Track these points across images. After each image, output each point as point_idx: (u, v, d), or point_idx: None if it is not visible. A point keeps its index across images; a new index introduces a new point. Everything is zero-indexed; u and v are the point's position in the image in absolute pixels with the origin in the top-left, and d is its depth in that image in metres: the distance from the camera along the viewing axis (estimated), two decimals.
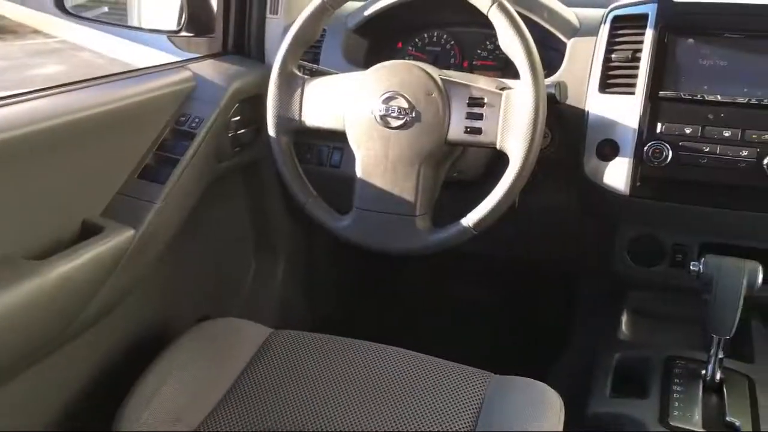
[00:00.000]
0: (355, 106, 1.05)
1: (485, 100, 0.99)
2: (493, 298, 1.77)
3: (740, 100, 1.06)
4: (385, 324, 1.66)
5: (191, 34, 1.37)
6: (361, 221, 1.06)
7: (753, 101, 1.05)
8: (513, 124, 0.97)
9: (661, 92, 1.09)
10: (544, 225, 1.33)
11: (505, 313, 1.76)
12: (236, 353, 1.05)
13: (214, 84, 1.21)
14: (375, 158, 1.04)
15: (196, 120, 1.16)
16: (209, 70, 1.25)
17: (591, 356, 1.22)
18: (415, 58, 1.33)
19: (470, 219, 1.01)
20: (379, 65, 1.05)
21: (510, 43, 0.97)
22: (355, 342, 1.06)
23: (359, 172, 1.06)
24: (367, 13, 1.31)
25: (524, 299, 1.74)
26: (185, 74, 1.19)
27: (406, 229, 1.04)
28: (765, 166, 1.03)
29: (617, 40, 1.14)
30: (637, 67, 1.11)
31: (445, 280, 1.81)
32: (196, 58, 1.31)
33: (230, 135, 1.24)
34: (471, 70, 1.35)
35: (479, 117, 1.00)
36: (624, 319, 1.29)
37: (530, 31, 0.98)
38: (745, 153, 1.04)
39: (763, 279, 1.01)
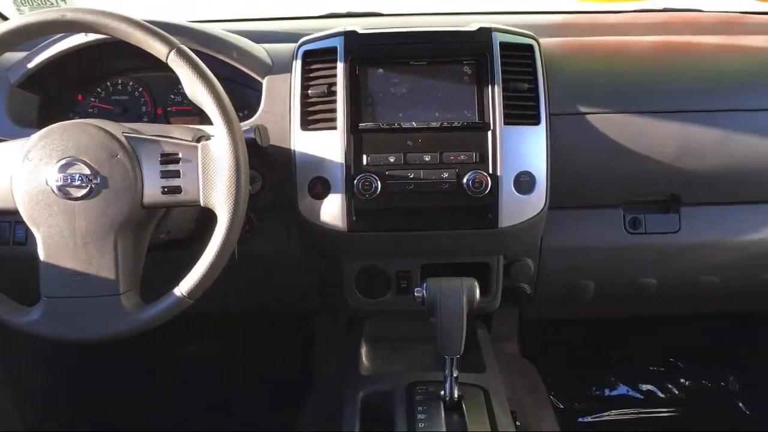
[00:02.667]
0: (24, 178, 0.91)
1: (180, 155, 0.92)
2: (227, 354, 1.70)
3: (434, 124, 1.12)
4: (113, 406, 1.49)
5: None
6: (53, 312, 0.92)
7: (445, 124, 1.12)
8: (214, 178, 0.91)
9: (360, 124, 1.11)
10: (270, 269, 1.29)
11: (242, 366, 1.69)
12: None
13: None
14: (60, 236, 0.91)
15: None
16: None
17: (337, 397, 1.21)
18: (101, 111, 1.21)
19: (183, 287, 0.92)
20: (47, 128, 0.92)
21: (196, 91, 0.91)
22: None
23: (43, 255, 0.92)
24: (30, 65, 1.16)
25: (263, 349, 1.70)
26: None
27: (111, 312, 0.92)
28: (465, 186, 1.10)
29: (311, 75, 1.14)
30: (334, 101, 1.12)
31: (174, 343, 1.69)
32: None
33: None
34: (166, 117, 1.27)
35: (176, 174, 0.92)
36: (363, 351, 1.30)
37: (223, 71, 0.93)
38: (446, 175, 1.11)
39: (481, 292, 1.09)
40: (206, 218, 1.08)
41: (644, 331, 1.77)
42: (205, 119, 1.12)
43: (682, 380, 1.79)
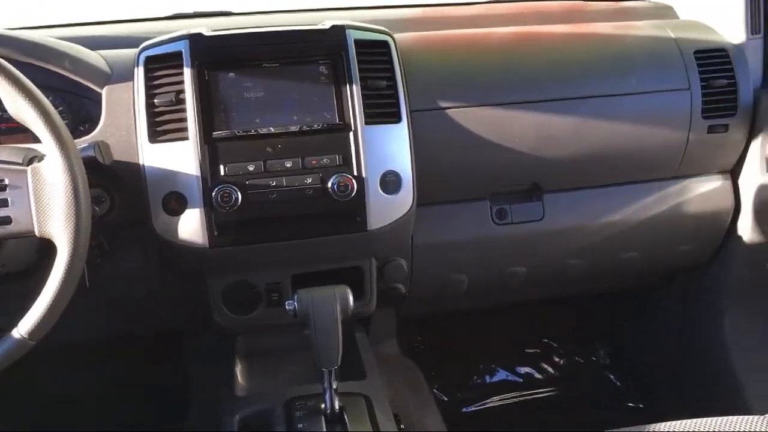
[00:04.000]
0: None
1: (6, 182, 0.83)
2: (91, 390, 1.58)
3: (293, 128, 1.08)
4: None
5: None
6: None
7: (305, 128, 1.08)
8: (49, 204, 0.82)
9: (215, 133, 1.05)
10: (130, 291, 1.20)
11: (113, 399, 1.58)
12: None
13: None
14: None
15: None
16: None
17: (214, 422, 1.16)
18: None
19: (23, 328, 0.83)
20: None
21: (19, 108, 0.82)
22: None
23: None
24: None
25: (133, 374, 1.60)
26: None
27: None
28: (330, 190, 1.07)
29: (156, 83, 1.07)
30: (184, 110, 1.05)
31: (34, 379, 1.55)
32: None
33: None
34: None
35: (4, 203, 0.83)
36: (238, 369, 1.25)
37: (54, 82, 0.84)
38: (309, 180, 1.07)
39: (356, 296, 1.07)
40: (49, 246, 0.99)
41: (519, 316, 1.82)
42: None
43: (557, 359, 1.86)
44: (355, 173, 1.08)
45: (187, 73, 1.05)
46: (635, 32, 1.34)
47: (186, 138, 1.04)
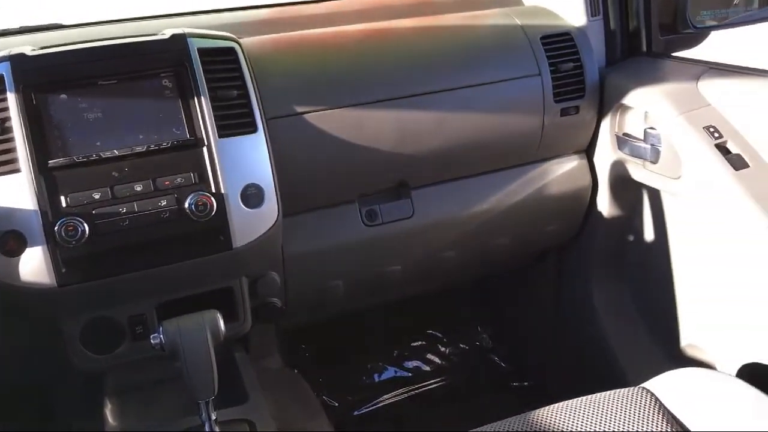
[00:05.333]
0: None
1: None
2: None
3: (139, 149, 1.01)
4: None
5: None
6: None
7: (153, 147, 1.02)
8: None
9: (51, 161, 0.97)
10: None
11: None
12: None
13: None
14: None
15: None
16: None
17: None
18: None
19: None
20: None
21: None
22: None
23: None
24: None
25: None
26: None
27: None
28: (188, 211, 1.01)
29: None
30: (12, 139, 0.96)
31: None
32: None
33: None
34: None
35: None
36: (108, 409, 1.17)
37: None
38: (164, 203, 1.01)
39: (228, 318, 1.02)
40: None
41: (402, 311, 1.83)
42: None
43: (443, 349, 1.89)
44: (213, 190, 1.03)
45: (12, 98, 0.96)
46: (483, 22, 1.36)
47: (18, 170, 0.95)
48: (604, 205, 1.43)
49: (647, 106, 1.25)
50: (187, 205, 1.01)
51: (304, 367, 1.58)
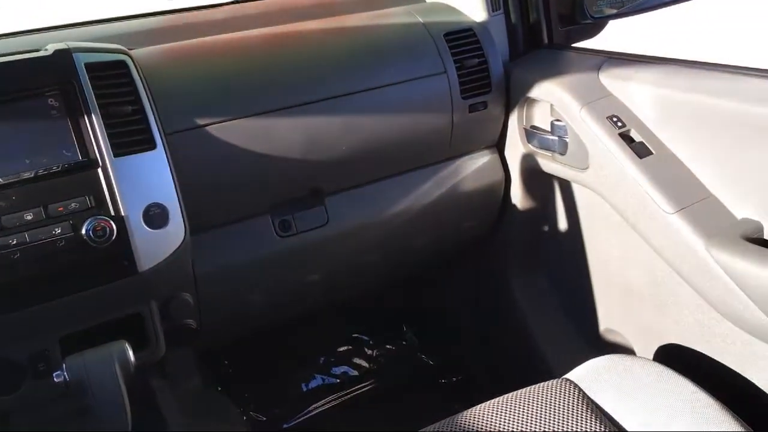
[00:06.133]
0: None
1: None
2: None
3: (27, 174, 0.94)
4: None
5: None
6: None
7: (42, 172, 0.95)
8: None
9: None
10: None
11: None
12: None
13: None
14: None
15: None
16: None
17: None
18: None
19: None
20: None
21: None
22: None
23: None
24: None
25: None
26: None
27: None
28: (86, 237, 0.95)
29: None
30: None
31: None
32: None
33: None
34: None
35: None
36: None
37: None
38: (58, 230, 0.95)
39: (140, 345, 0.97)
40: None
41: (326, 319, 1.81)
42: None
43: (369, 352, 1.87)
44: (113, 213, 0.97)
45: None
46: (386, 21, 1.35)
47: None
48: (518, 198, 1.44)
49: (552, 98, 1.26)
50: (84, 231, 0.95)
51: (228, 385, 1.53)
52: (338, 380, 1.82)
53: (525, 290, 1.53)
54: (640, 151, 1.13)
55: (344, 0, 1.46)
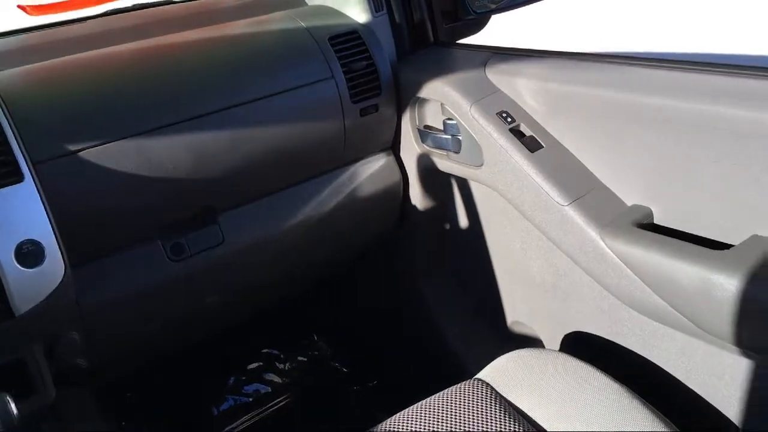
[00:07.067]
0: None
1: None
2: None
3: None
4: None
5: None
6: None
7: None
8: None
9: None
10: None
11: None
12: None
13: None
14: None
15: None
16: None
17: None
18: None
19: None
20: None
21: None
22: None
23: None
24: None
25: None
26: None
27: None
28: None
29: None
30: None
31: None
32: None
33: None
34: None
35: None
36: None
37: None
38: None
39: (26, 393, 0.90)
40: None
41: (233, 338, 1.75)
42: None
43: (281, 365, 1.83)
44: None
45: None
46: (268, 27, 1.31)
47: None
48: (417, 199, 1.44)
49: (442, 97, 1.26)
50: None
51: (131, 419, 1.45)
52: (251, 399, 1.76)
53: (433, 290, 1.53)
54: (531, 145, 1.14)
55: (222, 7, 1.41)
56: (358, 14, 1.36)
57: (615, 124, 1.06)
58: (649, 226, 1.03)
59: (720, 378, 0.99)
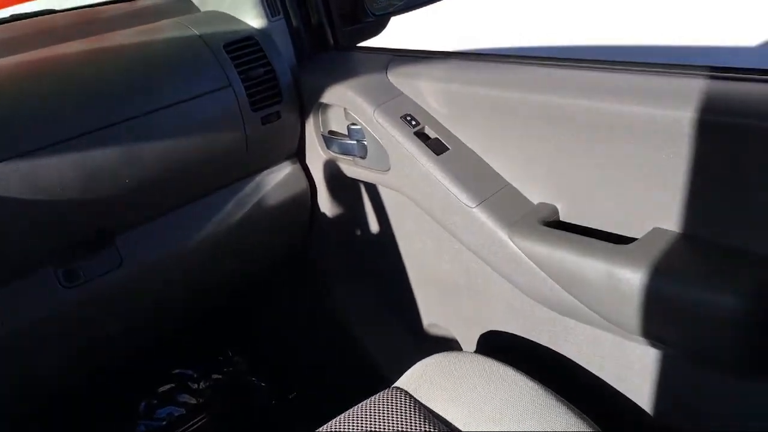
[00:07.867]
0: None
1: None
2: None
3: None
4: None
5: None
6: None
7: None
8: None
9: None
10: None
11: None
12: None
13: None
14: None
15: None
16: None
17: None
18: None
19: None
20: None
21: None
22: None
23: None
24: None
25: None
26: None
27: None
28: None
29: None
30: None
31: None
32: None
33: None
34: None
35: None
36: None
37: None
38: None
39: None
40: None
41: (142, 360, 1.67)
42: None
43: (195, 385, 1.77)
44: None
45: None
46: (159, 36, 1.25)
47: None
48: (326, 207, 1.41)
49: (344, 102, 1.24)
50: None
51: None
52: (164, 422, 1.69)
53: (349, 298, 1.51)
54: (436, 148, 1.14)
55: (108, 16, 1.34)
56: (254, 19, 1.32)
57: (518, 124, 1.07)
58: (555, 224, 1.05)
59: (630, 368, 1.01)
